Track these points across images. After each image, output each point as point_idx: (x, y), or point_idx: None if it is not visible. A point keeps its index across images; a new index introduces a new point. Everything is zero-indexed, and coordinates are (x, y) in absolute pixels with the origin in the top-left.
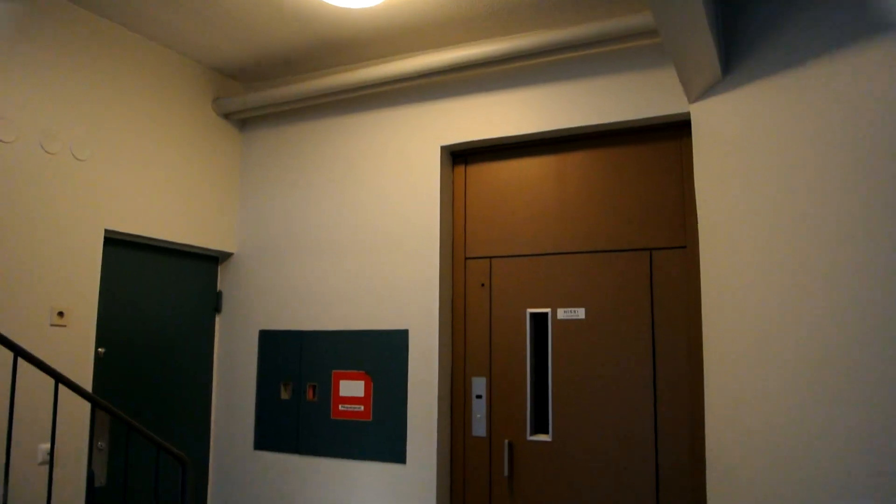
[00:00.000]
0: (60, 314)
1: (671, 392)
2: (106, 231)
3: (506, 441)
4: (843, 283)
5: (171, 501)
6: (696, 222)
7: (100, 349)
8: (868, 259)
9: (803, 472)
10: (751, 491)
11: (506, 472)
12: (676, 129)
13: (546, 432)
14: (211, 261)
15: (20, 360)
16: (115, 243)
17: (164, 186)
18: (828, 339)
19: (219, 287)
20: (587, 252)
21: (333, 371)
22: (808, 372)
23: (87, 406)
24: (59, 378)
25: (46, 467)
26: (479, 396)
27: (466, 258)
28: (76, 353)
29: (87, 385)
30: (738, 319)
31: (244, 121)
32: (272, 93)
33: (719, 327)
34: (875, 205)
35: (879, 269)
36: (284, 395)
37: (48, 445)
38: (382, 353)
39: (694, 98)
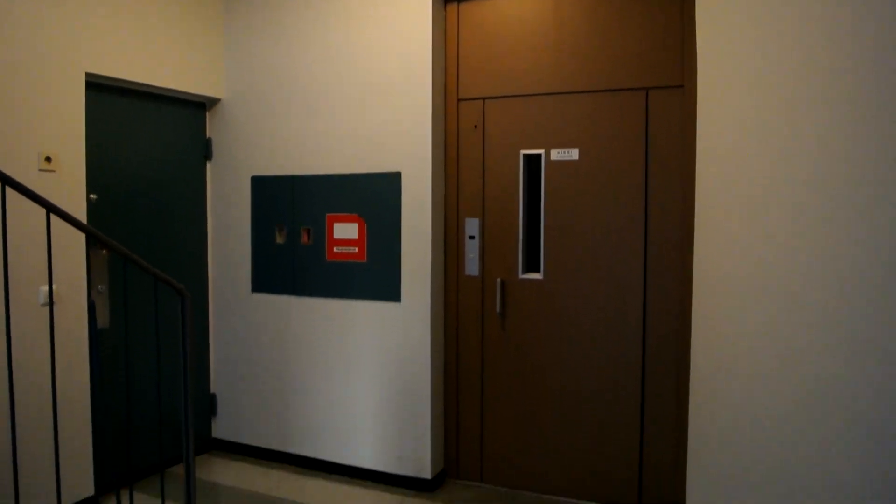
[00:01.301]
0: (48, 159)
1: (662, 233)
2: (88, 75)
3: (498, 280)
4: (841, 138)
5: (173, 337)
6: (696, 61)
7: (91, 195)
8: (864, 117)
9: (792, 315)
10: (735, 337)
11: (498, 309)
12: None
13: (537, 271)
14: (198, 107)
15: (10, 195)
16: (100, 88)
17: (147, 28)
18: (822, 193)
19: (208, 134)
20: (582, 92)
21: (327, 214)
22: (800, 220)
23: (83, 246)
24: (50, 208)
25: (48, 309)
26: (471, 237)
27: (459, 99)
28: (68, 199)
29: (81, 235)
30: (732, 162)
31: None
32: None
33: (713, 169)
34: (880, 65)
35: (873, 128)
36: (279, 240)
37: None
38: (375, 195)
39: None
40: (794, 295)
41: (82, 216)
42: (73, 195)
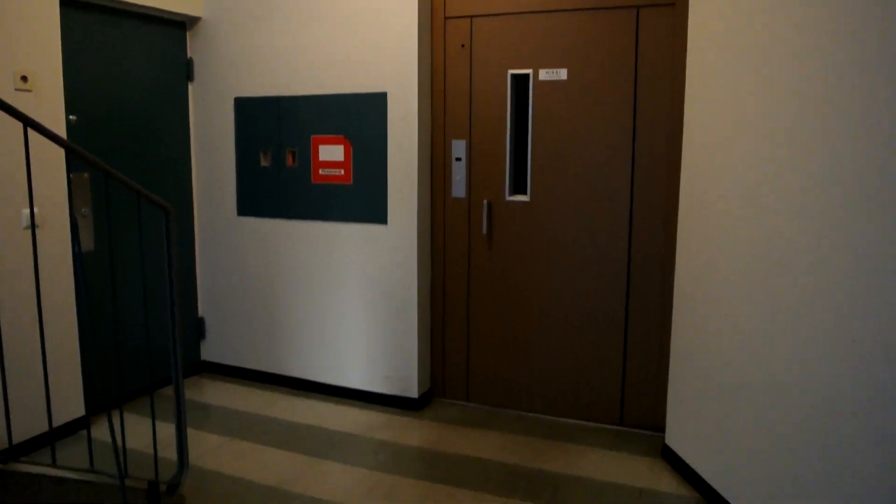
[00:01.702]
0: (24, 78)
1: (650, 155)
2: None
3: (485, 201)
4: (837, 66)
5: (159, 260)
6: None
7: (71, 116)
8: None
9: (778, 234)
10: (720, 259)
11: (484, 231)
12: None
13: (524, 193)
14: (179, 26)
15: None
16: (76, 6)
17: None
18: (816, 109)
19: (189, 54)
20: (572, 10)
21: (312, 136)
22: (793, 137)
23: (65, 168)
24: (27, 122)
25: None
26: (458, 159)
27: (446, 18)
28: (47, 120)
29: (62, 154)
30: (722, 81)
31: None
32: None
33: (702, 89)
34: None
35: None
36: (264, 162)
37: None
38: (361, 116)
39: None
40: (781, 213)
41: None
42: (52, 116)
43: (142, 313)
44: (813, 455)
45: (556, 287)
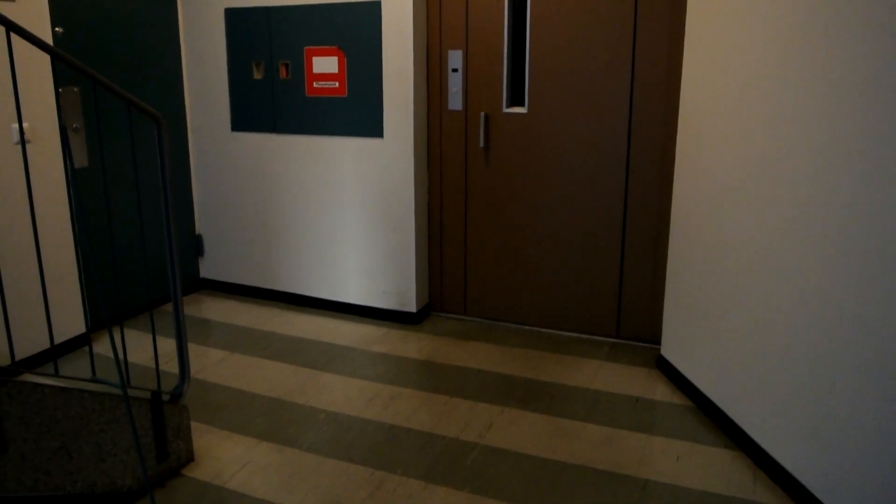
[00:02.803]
0: None
1: (650, 66)
2: None
3: (481, 114)
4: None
5: (155, 175)
6: None
7: (57, 28)
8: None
9: (775, 150)
10: (716, 175)
11: (481, 144)
12: None
13: (522, 105)
14: None
15: None
16: None
17: None
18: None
19: None
20: None
21: (305, 48)
22: (790, 62)
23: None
24: (9, 25)
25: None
26: (454, 70)
27: None
28: (30, 29)
29: (49, 67)
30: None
31: None
32: None
33: (703, 5)
34: None
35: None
36: (257, 75)
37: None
38: (355, 27)
39: None
40: (781, 127)
41: None
42: (37, 28)
43: (139, 228)
44: (805, 364)
45: (553, 200)
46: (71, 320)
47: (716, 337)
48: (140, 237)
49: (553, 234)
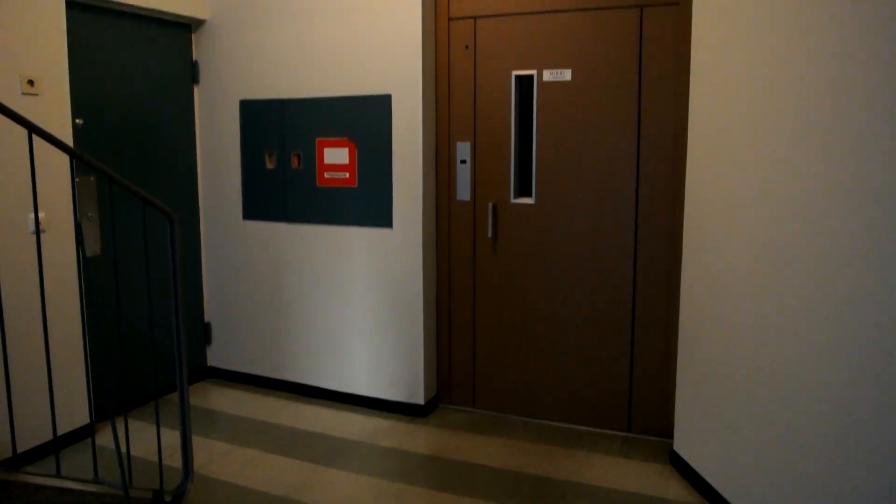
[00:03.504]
0: (31, 82)
1: (655, 157)
2: None
3: (490, 204)
4: (840, 64)
5: (166, 264)
6: None
7: (78, 120)
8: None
9: (786, 238)
10: (728, 264)
11: (489, 234)
12: None
13: (529, 195)
14: (184, 28)
15: None
16: (81, 8)
17: None
18: (822, 105)
19: (194, 57)
20: (575, 10)
21: (317, 139)
22: (799, 133)
23: (70, 172)
24: (31, 128)
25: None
26: (463, 161)
27: (450, 18)
28: (53, 123)
29: (68, 159)
30: (727, 80)
31: None
32: None
33: (707, 87)
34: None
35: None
36: (269, 165)
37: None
38: (366, 119)
39: None
40: (789, 216)
41: (68, 141)
42: (59, 120)
43: (148, 318)
44: (823, 462)
45: (561, 291)
46: (75, 410)
47: (729, 431)
48: (149, 325)
49: (562, 323)
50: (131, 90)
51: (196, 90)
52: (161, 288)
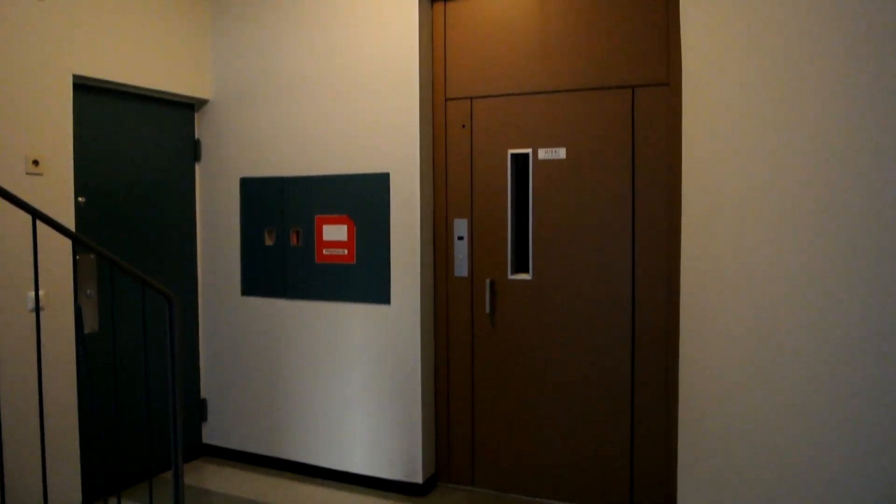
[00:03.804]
0: (35, 162)
1: (650, 233)
2: (75, 77)
3: (487, 280)
4: (833, 136)
5: (162, 342)
6: (680, 58)
7: (80, 198)
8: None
9: (781, 314)
10: (725, 337)
11: (487, 310)
12: None
13: (526, 271)
14: (187, 108)
15: None
16: (87, 90)
17: (134, 29)
18: (813, 191)
19: (197, 135)
20: (569, 90)
21: (316, 215)
22: (790, 219)
23: (71, 251)
24: (35, 214)
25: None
26: (460, 238)
27: (447, 99)
28: (56, 203)
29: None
30: (719, 159)
31: None
32: None
33: (700, 167)
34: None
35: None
36: (268, 242)
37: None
38: (364, 197)
39: None
40: (783, 294)
41: (70, 219)
42: (62, 198)
43: (144, 396)
44: None
45: (560, 366)
46: (67, 488)
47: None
48: (145, 402)
49: (560, 398)
50: (134, 168)
51: (197, 167)
52: (158, 364)
